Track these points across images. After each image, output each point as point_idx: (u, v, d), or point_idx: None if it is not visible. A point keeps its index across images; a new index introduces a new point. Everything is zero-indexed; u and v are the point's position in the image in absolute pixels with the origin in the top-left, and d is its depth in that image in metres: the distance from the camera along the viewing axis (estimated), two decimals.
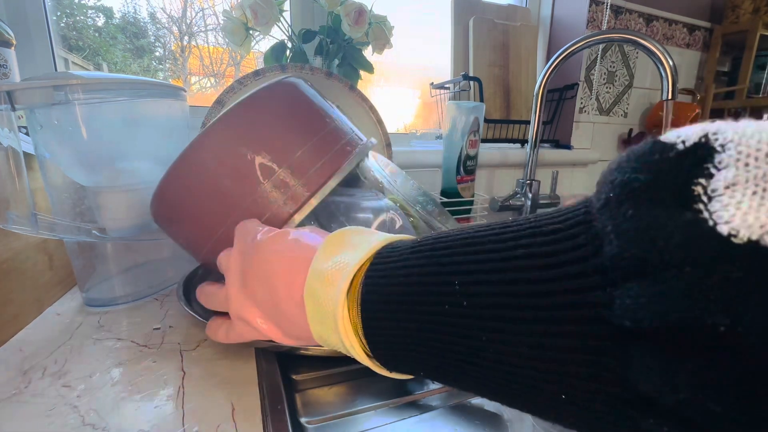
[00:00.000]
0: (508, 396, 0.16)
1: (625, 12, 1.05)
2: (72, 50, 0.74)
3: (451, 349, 0.17)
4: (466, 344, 0.16)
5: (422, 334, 0.18)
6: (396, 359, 0.20)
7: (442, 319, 0.17)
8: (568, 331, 0.13)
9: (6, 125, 0.34)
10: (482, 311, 0.16)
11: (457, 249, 0.18)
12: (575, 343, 0.13)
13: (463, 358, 0.17)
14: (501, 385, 0.16)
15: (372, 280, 0.20)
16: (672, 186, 0.11)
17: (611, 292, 0.12)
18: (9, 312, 0.37)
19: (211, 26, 0.87)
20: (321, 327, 0.22)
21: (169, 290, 0.48)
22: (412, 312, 0.18)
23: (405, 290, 0.18)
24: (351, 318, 0.21)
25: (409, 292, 0.18)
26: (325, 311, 0.21)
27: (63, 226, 0.39)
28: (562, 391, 0.14)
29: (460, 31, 0.95)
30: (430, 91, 0.92)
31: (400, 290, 0.19)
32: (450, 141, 0.73)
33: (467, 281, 0.16)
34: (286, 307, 0.24)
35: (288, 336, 0.27)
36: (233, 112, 0.35)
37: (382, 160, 0.47)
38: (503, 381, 0.16)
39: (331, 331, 0.22)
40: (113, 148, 0.41)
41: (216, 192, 0.34)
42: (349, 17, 0.66)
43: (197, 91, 0.92)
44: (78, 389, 0.30)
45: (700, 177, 0.11)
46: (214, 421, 0.27)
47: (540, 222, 0.16)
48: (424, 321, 0.18)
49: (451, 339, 0.17)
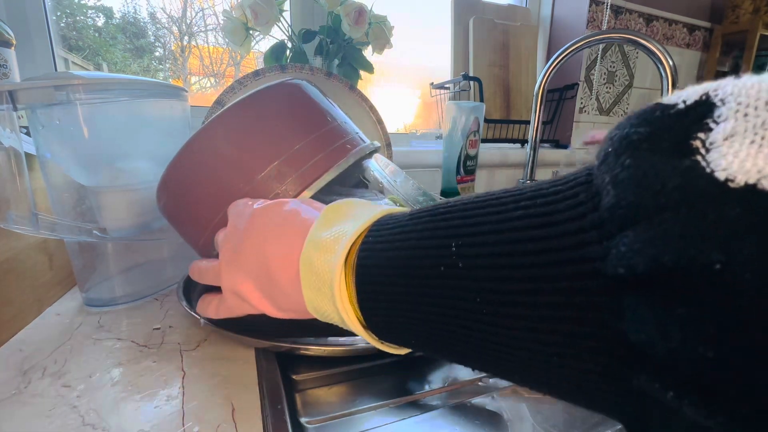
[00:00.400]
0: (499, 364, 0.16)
1: (625, 12, 1.05)
2: (72, 50, 0.74)
3: (444, 314, 0.17)
4: (461, 307, 0.16)
5: (417, 299, 0.18)
6: (390, 328, 0.20)
7: (438, 281, 0.17)
8: (564, 287, 0.13)
9: (7, 125, 0.34)
10: (477, 272, 0.15)
11: (455, 213, 0.17)
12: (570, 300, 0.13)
13: (457, 323, 0.16)
14: (493, 352, 0.16)
15: (369, 246, 0.20)
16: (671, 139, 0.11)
17: (607, 245, 0.12)
18: (9, 312, 0.37)
19: (211, 26, 0.88)
20: (316, 296, 0.22)
21: (169, 290, 0.48)
22: (408, 276, 0.18)
23: (401, 254, 0.18)
24: (347, 287, 0.20)
25: (405, 256, 0.18)
26: (321, 279, 0.21)
27: (63, 225, 0.40)
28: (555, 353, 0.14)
29: (460, 31, 0.95)
30: (430, 91, 0.92)
31: (396, 254, 0.18)
32: (450, 141, 0.73)
33: (464, 243, 0.16)
34: (280, 278, 0.24)
35: (280, 309, 0.26)
36: (237, 105, 0.36)
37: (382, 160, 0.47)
38: (495, 347, 0.16)
39: (326, 301, 0.21)
40: (114, 148, 0.41)
41: (215, 181, 0.36)
42: (349, 17, 0.66)
43: (197, 91, 0.92)
44: (78, 389, 0.30)
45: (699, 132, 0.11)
46: (214, 421, 0.27)
47: (541, 186, 0.16)
48: (419, 285, 0.17)
49: (444, 302, 0.17)
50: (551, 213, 0.14)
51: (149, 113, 0.43)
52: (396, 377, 0.38)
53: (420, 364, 0.40)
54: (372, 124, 0.69)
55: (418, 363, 0.40)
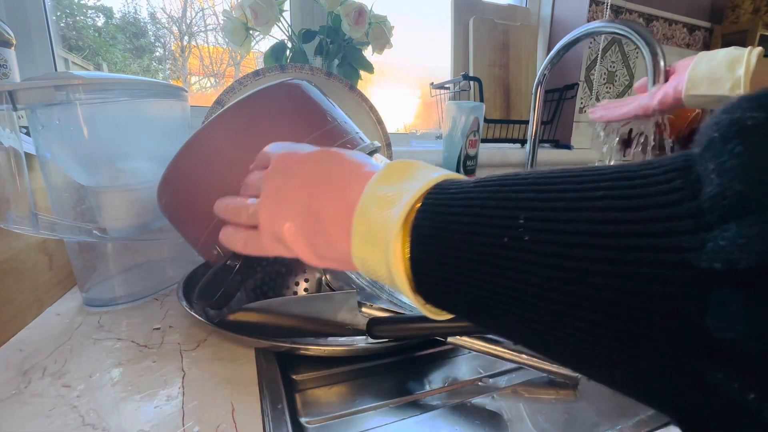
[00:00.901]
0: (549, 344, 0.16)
1: (625, 12, 1.05)
2: (72, 50, 0.74)
3: (501, 284, 0.16)
4: (519, 279, 0.16)
5: (473, 266, 0.17)
6: (439, 291, 0.20)
7: (499, 251, 0.16)
8: (644, 274, 0.12)
9: (7, 125, 0.34)
10: (545, 247, 0.15)
11: (526, 187, 0.17)
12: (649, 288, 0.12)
13: (512, 295, 0.16)
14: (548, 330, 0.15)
15: (428, 207, 0.20)
16: None
17: (703, 236, 0.11)
18: (9, 312, 0.37)
19: (211, 26, 0.88)
20: (367, 249, 0.21)
21: (169, 290, 0.48)
22: (467, 242, 0.17)
23: (462, 220, 0.18)
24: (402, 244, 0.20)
25: (465, 222, 0.18)
26: (376, 233, 0.21)
27: (63, 225, 0.40)
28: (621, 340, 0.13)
29: (460, 31, 0.95)
30: (430, 91, 0.92)
31: (457, 219, 0.18)
32: (450, 141, 0.73)
33: (534, 217, 0.16)
34: (330, 226, 0.23)
35: (318, 256, 0.25)
36: (237, 105, 0.36)
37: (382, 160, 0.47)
38: (552, 325, 0.15)
39: (378, 255, 0.21)
40: (114, 148, 0.41)
41: (215, 180, 0.36)
42: (349, 17, 0.66)
43: (197, 91, 0.92)
44: (78, 389, 0.30)
45: None
46: (214, 421, 0.27)
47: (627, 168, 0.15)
48: (478, 252, 0.17)
49: (503, 273, 0.16)
50: (638, 196, 0.13)
51: (149, 113, 0.43)
52: (396, 377, 0.38)
53: (420, 364, 0.40)
54: (372, 124, 0.69)
55: (418, 363, 0.40)
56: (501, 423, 0.32)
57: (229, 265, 0.37)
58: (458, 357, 0.42)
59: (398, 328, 0.35)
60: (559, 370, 0.36)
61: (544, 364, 0.36)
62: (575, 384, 0.36)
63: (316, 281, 0.44)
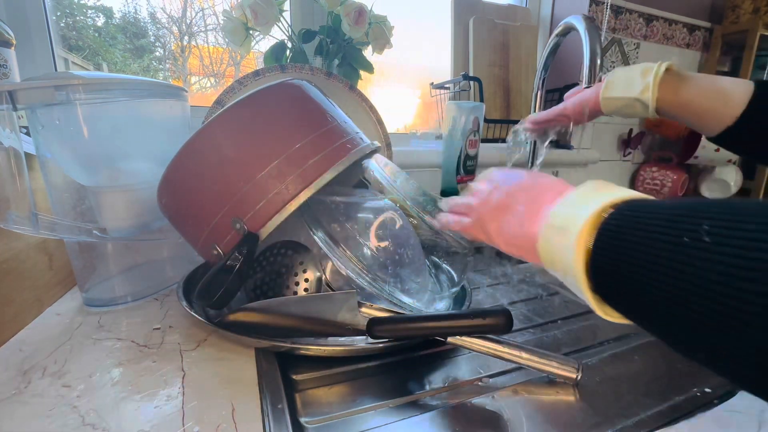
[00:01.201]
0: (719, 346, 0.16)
1: (625, 12, 1.05)
2: (72, 50, 0.74)
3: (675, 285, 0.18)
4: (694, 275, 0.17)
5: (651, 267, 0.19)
6: (619, 292, 0.22)
7: (678, 248, 0.18)
8: None
9: (7, 125, 0.34)
10: (724, 248, 0.16)
11: (714, 206, 0.18)
12: None
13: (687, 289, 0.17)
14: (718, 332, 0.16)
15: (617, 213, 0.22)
16: None
17: None
18: (9, 312, 0.37)
19: (211, 26, 0.88)
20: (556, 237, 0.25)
21: (169, 290, 0.48)
22: (648, 239, 0.19)
23: (649, 226, 0.20)
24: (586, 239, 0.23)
25: (650, 224, 0.20)
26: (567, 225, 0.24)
27: (63, 225, 0.40)
28: None
29: (460, 31, 0.95)
30: (430, 91, 0.92)
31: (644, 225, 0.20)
32: (450, 141, 0.73)
33: (717, 225, 0.17)
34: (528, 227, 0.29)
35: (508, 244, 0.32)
36: (237, 105, 0.36)
37: (382, 160, 0.47)
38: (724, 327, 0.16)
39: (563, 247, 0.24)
40: (114, 148, 0.41)
41: (215, 180, 0.36)
42: (349, 17, 0.66)
43: (197, 91, 0.92)
44: (78, 389, 0.30)
45: None
46: (214, 421, 0.27)
47: None
48: (659, 248, 0.19)
49: (681, 268, 0.17)
50: None
51: (149, 113, 0.43)
52: (396, 377, 0.38)
53: (420, 364, 0.40)
54: (372, 124, 0.69)
55: (418, 363, 0.40)
56: (501, 423, 0.32)
57: (229, 265, 0.37)
58: (458, 357, 0.42)
59: (398, 328, 0.35)
60: (559, 370, 0.36)
61: (544, 364, 0.36)
62: (575, 384, 0.36)
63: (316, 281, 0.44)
